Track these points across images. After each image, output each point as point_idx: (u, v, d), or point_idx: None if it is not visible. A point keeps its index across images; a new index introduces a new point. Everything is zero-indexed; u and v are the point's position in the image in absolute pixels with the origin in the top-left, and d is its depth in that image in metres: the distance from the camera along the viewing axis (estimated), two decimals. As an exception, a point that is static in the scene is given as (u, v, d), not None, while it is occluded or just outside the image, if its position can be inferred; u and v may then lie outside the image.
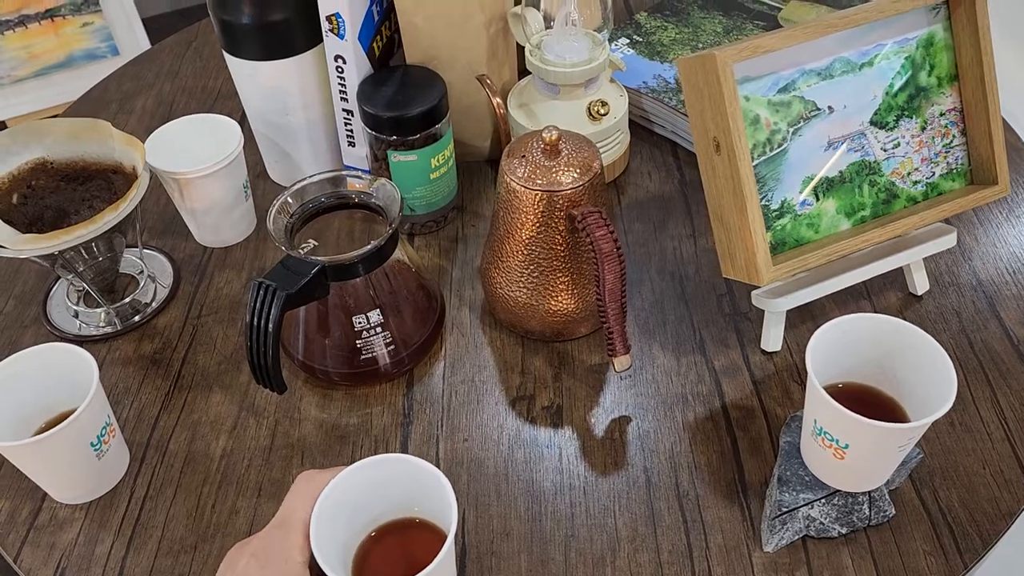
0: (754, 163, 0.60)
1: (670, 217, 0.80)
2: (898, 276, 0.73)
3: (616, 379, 0.68)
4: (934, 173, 0.66)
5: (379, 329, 0.65)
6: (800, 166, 0.62)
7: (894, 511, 0.58)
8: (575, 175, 0.63)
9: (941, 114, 0.65)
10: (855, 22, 0.60)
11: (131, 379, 0.70)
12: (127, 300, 0.75)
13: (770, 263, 0.60)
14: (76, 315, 0.75)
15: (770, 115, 0.60)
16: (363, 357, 0.66)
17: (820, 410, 0.53)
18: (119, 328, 0.74)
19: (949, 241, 0.68)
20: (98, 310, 0.74)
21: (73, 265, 0.70)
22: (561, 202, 0.63)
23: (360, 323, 0.65)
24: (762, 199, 0.61)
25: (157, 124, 0.91)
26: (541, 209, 0.63)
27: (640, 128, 0.90)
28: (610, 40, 0.94)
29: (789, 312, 0.71)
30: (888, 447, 0.52)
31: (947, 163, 0.66)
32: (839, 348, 0.55)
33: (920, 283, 0.71)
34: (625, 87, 0.85)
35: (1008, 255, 0.75)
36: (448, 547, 0.46)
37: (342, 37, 0.71)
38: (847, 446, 0.52)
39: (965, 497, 0.59)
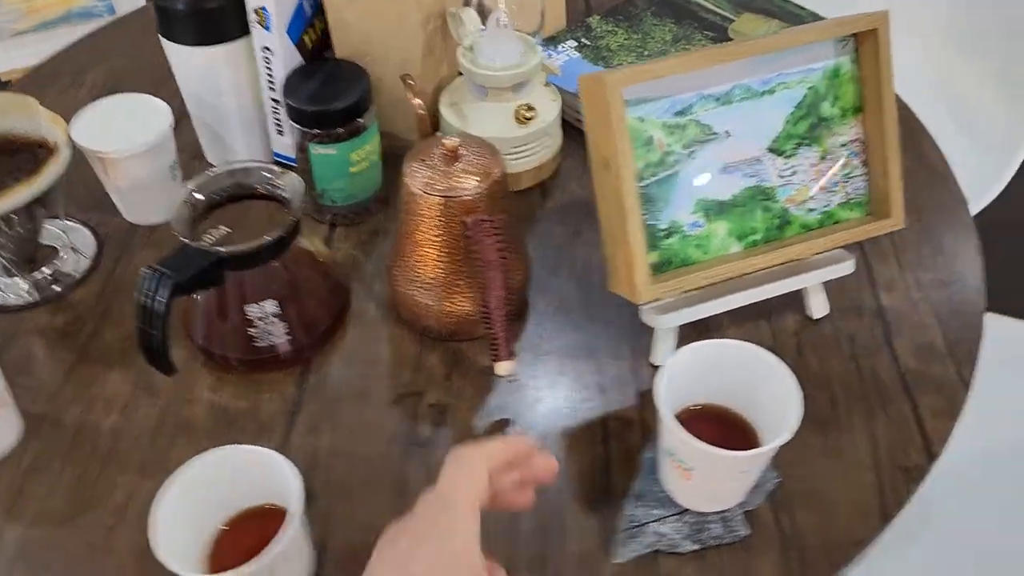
0: (645, 183, 0.61)
1: (588, 224, 0.81)
2: (798, 299, 0.74)
3: (505, 383, 0.69)
4: (831, 202, 0.66)
5: (274, 318, 0.67)
6: (692, 188, 0.63)
7: (748, 531, 0.59)
8: (474, 182, 0.64)
9: (843, 144, 0.65)
10: (756, 51, 0.60)
11: (40, 351, 0.72)
12: (48, 272, 0.77)
13: (648, 281, 0.61)
14: (-2, 284, 0.77)
15: (664, 136, 0.61)
16: (257, 344, 0.68)
17: (667, 433, 0.54)
18: (38, 299, 0.76)
19: (846, 268, 0.69)
20: (18, 280, 0.76)
21: (-9, 235, 0.72)
22: (457, 208, 0.64)
23: (254, 312, 0.66)
24: (650, 218, 0.62)
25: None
26: (437, 214, 0.64)
27: (577, 132, 0.90)
28: (558, 42, 0.94)
29: (686, 327, 0.72)
30: (730, 472, 0.53)
31: (846, 192, 0.66)
32: (698, 371, 0.56)
33: (817, 307, 0.72)
34: (563, 91, 0.86)
35: (914, 284, 0.76)
36: (291, 526, 0.48)
37: (268, 29, 0.72)
38: (692, 468, 0.54)
39: (821, 523, 0.61)
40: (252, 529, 0.55)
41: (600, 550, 0.59)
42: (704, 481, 0.54)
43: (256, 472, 0.55)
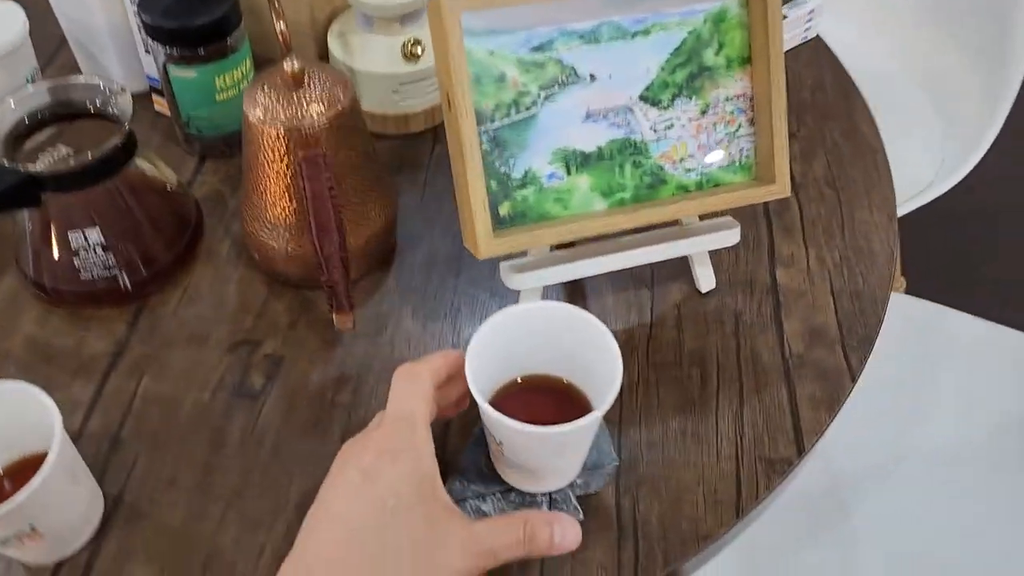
0: (495, 125, 0.55)
1: (477, 174, 0.75)
2: (688, 270, 0.68)
3: (352, 338, 0.64)
4: (712, 163, 0.60)
5: (99, 250, 0.61)
6: (551, 135, 0.56)
7: (581, 516, 0.54)
8: (316, 112, 0.58)
9: (727, 99, 0.59)
10: (629, -18, 0.54)
11: None
12: None
13: (490, 235, 0.55)
14: None
15: (520, 74, 0.55)
16: (82, 277, 0.62)
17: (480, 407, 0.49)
18: None
19: (730, 237, 0.63)
20: None
21: None
22: (298, 140, 0.58)
23: (77, 241, 0.61)
24: (502, 165, 0.56)
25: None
26: (278, 146, 0.58)
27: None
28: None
29: (563, 291, 0.66)
30: (542, 449, 0.48)
31: (729, 153, 0.60)
32: (525, 337, 0.51)
33: (704, 279, 0.66)
34: (468, 29, 0.79)
35: (816, 263, 0.69)
36: (45, 469, 0.44)
37: (120, -68, 0.66)
38: (501, 442, 0.48)
39: (666, 513, 0.55)
40: (29, 478, 0.50)
41: (414, 524, 0.54)
42: (516, 456, 0.49)
43: (24, 411, 0.50)
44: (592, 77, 0.56)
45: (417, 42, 0.73)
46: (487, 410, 0.46)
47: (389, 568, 0.42)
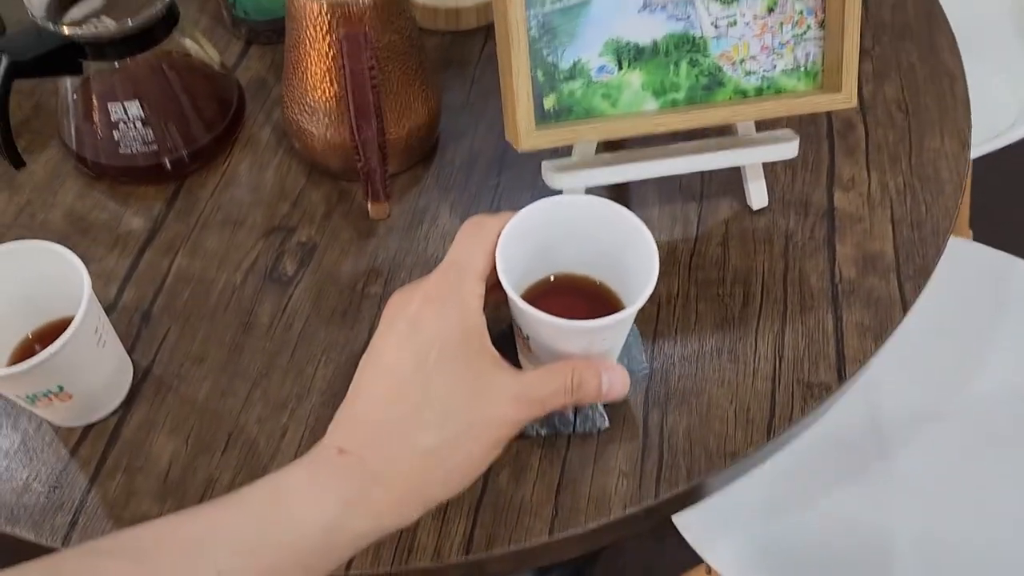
0: (546, 10, 0.52)
1: (527, 75, 0.72)
2: (740, 185, 0.64)
3: (387, 230, 0.62)
4: (775, 66, 0.56)
5: (139, 124, 0.61)
6: (603, 25, 0.53)
7: (607, 424, 0.53)
8: (361, -9, 0.56)
9: (797, -3, 0.55)
10: None
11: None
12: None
13: (532, 127, 0.52)
14: None
15: (574, -44, 0.51)
16: (122, 151, 0.62)
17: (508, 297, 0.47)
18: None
19: (787, 151, 0.59)
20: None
21: None
22: (340, 18, 0.56)
23: (117, 113, 0.60)
24: (550, 54, 0.53)
25: None
26: (320, 24, 0.56)
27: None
28: None
29: (607, 195, 0.64)
30: (567, 344, 0.46)
31: (794, 57, 0.56)
32: (549, 233, 0.48)
33: (756, 195, 0.63)
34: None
35: (877, 187, 0.65)
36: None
37: None
38: (528, 336, 0.47)
39: (694, 427, 0.54)
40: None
41: (436, 417, 0.53)
42: (543, 352, 0.47)
43: (55, 273, 0.50)
44: (652, -37, 0.52)
45: (473, -70, 0.69)
46: (514, 299, 0.44)
47: (433, 418, 0.41)
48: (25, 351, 0.52)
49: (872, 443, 0.86)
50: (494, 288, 0.45)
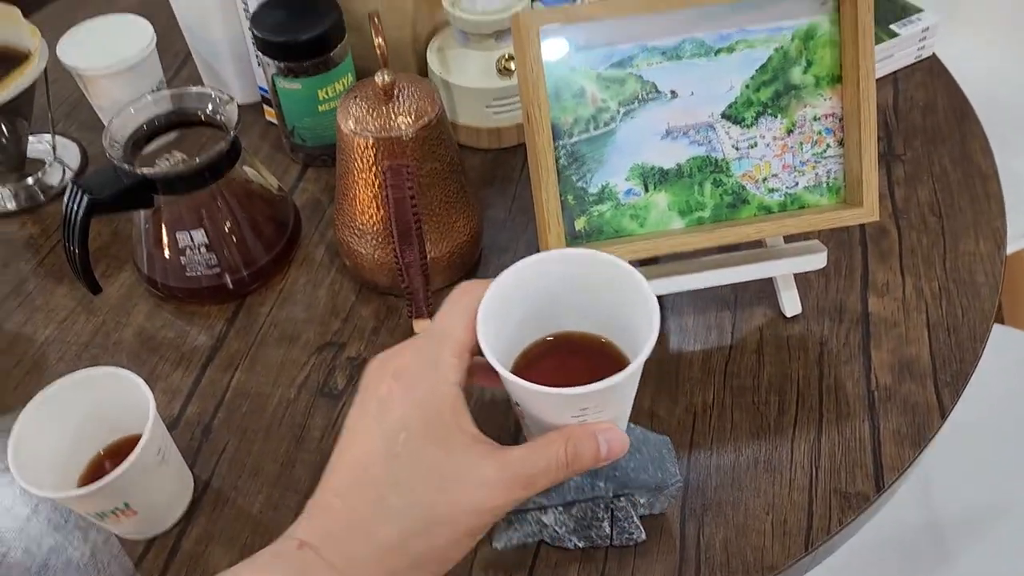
0: (574, 140, 0.56)
1: (565, 189, 0.76)
2: (772, 292, 0.66)
3: (431, 343, 0.65)
4: (797, 183, 0.58)
5: (204, 249, 0.66)
6: (629, 151, 0.56)
7: (643, 536, 0.54)
8: (405, 123, 0.60)
9: (815, 118, 0.57)
10: (711, 0, 0.53)
11: (2, 258, 0.74)
12: (32, 183, 0.79)
13: (562, 247, 0.55)
14: (-14, 191, 0.80)
15: (599, 90, 0.55)
16: (188, 274, 0.67)
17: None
18: (15, 208, 0.78)
19: (816, 261, 0.61)
20: (4, 188, 0.79)
21: (-21, 144, 0.75)
22: (385, 150, 0.60)
23: (184, 240, 0.65)
24: (579, 180, 0.56)
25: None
26: (368, 155, 0.61)
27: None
28: (579, -5, 0.88)
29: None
30: (554, 413, 0.41)
31: (815, 174, 0.58)
32: (540, 291, 0.44)
33: (789, 303, 0.64)
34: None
35: (912, 292, 0.66)
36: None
37: (239, -45, 0.71)
38: (518, 403, 0.44)
39: (731, 539, 0.54)
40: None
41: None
42: (533, 423, 0.44)
43: (125, 395, 0.54)
44: (673, 94, 0.56)
45: (511, 58, 0.74)
46: (493, 364, 0.40)
47: (399, 506, 0.39)
48: (96, 467, 0.56)
49: (932, 545, 0.84)
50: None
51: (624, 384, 0.40)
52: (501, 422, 0.60)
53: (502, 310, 0.42)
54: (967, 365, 0.62)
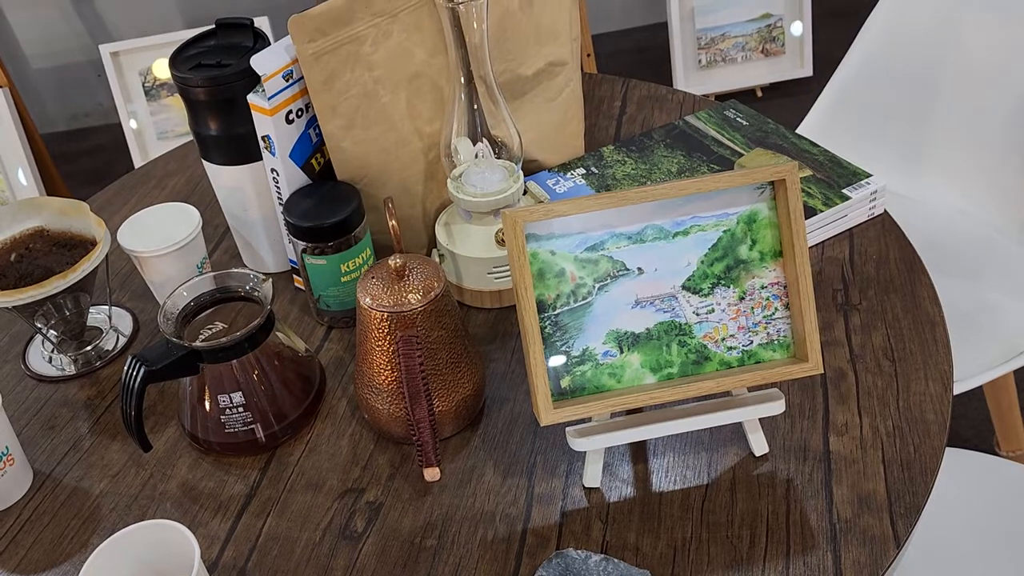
0: (557, 312, 0.66)
1: (559, 343, 0.85)
2: (742, 433, 0.74)
3: (440, 488, 0.74)
4: (752, 342, 0.68)
5: (241, 409, 0.75)
6: (605, 319, 0.66)
7: (629, 664, 0.60)
8: (415, 300, 0.71)
9: (762, 287, 0.67)
10: (669, 195, 0.64)
11: (63, 419, 0.84)
12: (90, 348, 0.90)
13: (550, 406, 0.64)
14: (50, 359, 0.90)
15: (576, 270, 0.65)
16: (227, 431, 0.76)
17: None
18: (78, 372, 0.88)
19: (775, 408, 0.69)
20: (62, 356, 0.89)
21: (47, 317, 0.86)
22: (399, 323, 0.71)
23: (224, 401, 0.75)
24: (563, 345, 0.66)
25: (177, 201, 1.08)
26: (383, 326, 0.71)
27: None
28: (569, 169, 1.00)
29: (622, 452, 0.74)
30: None
31: (767, 333, 0.68)
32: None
33: (757, 444, 0.72)
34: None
35: (869, 431, 0.74)
36: None
37: (274, 154, 0.84)
38: None
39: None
40: None
41: (480, 661, 0.62)
42: None
43: (171, 544, 0.62)
44: (640, 270, 0.66)
45: (508, 232, 0.86)
46: None
47: None
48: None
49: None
50: None
51: None
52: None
53: None
54: (919, 498, 0.69)
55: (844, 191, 0.92)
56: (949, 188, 1.28)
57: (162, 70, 2.20)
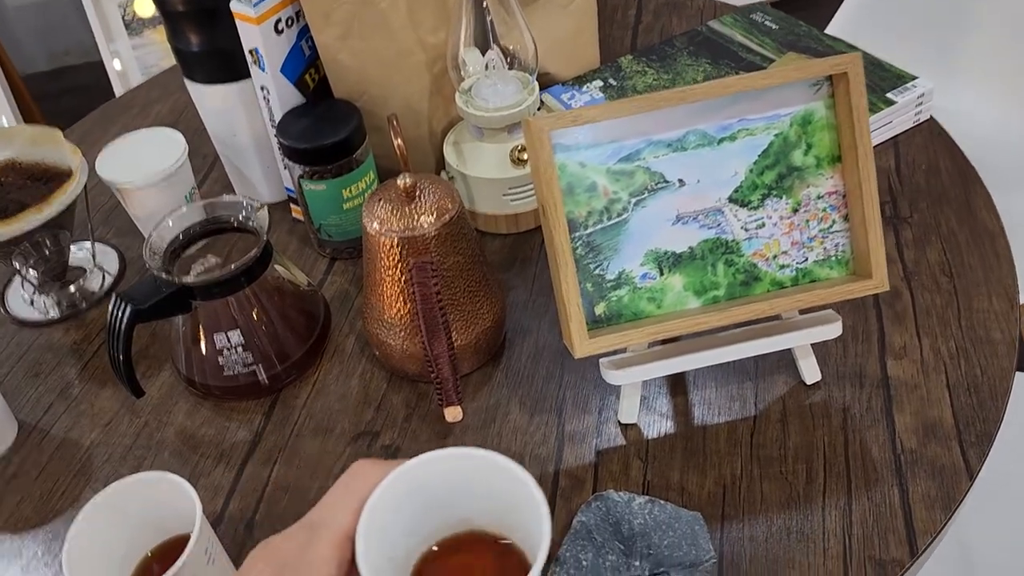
0: (589, 231, 0.58)
1: (583, 269, 0.78)
2: (792, 361, 0.68)
3: (463, 429, 0.67)
4: (807, 259, 0.60)
5: (240, 349, 0.69)
6: (642, 238, 0.59)
7: (681, 615, 0.55)
8: (428, 222, 0.64)
9: (818, 197, 0.60)
10: (712, 94, 0.57)
11: (47, 365, 0.77)
12: (75, 290, 0.83)
13: (585, 336, 0.58)
14: (31, 302, 0.83)
15: (609, 183, 0.58)
16: (226, 373, 0.70)
17: None
18: (62, 314, 0.82)
19: (831, 331, 0.62)
20: (45, 298, 0.82)
21: (26, 257, 0.79)
22: (410, 248, 0.63)
23: (221, 342, 0.68)
24: (597, 268, 0.59)
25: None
26: (393, 253, 0.64)
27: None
28: (585, 82, 0.92)
29: (660, 386, 0.68)
30: None
31: (824, 249, 0.60)
32: (432, 493, 0.41)
33: (808, 371, 0.66)
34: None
35: (931, 354, 0.68)
36: (188, 552, 0.41)
37: (263, 69, 0.75)
38: None
39: (767, 613, 0.55)
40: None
41: (515, 614, 0.56)
42: None
43: (172, 498, 0.56)
44: (681, 182, 0.58)
45: (523, 148, 0.78)
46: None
47: None
48: (146, 569, 0.57)
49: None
50: None
51: None
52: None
53: (391, 512, 0.40)
54: (991, 425, 0.63)
55: (888, 95, 0.84)
56: (991, 97, 1.20)
57: (142, 5, 2.08)
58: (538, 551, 0.37)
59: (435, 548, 0.42)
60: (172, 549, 0.56)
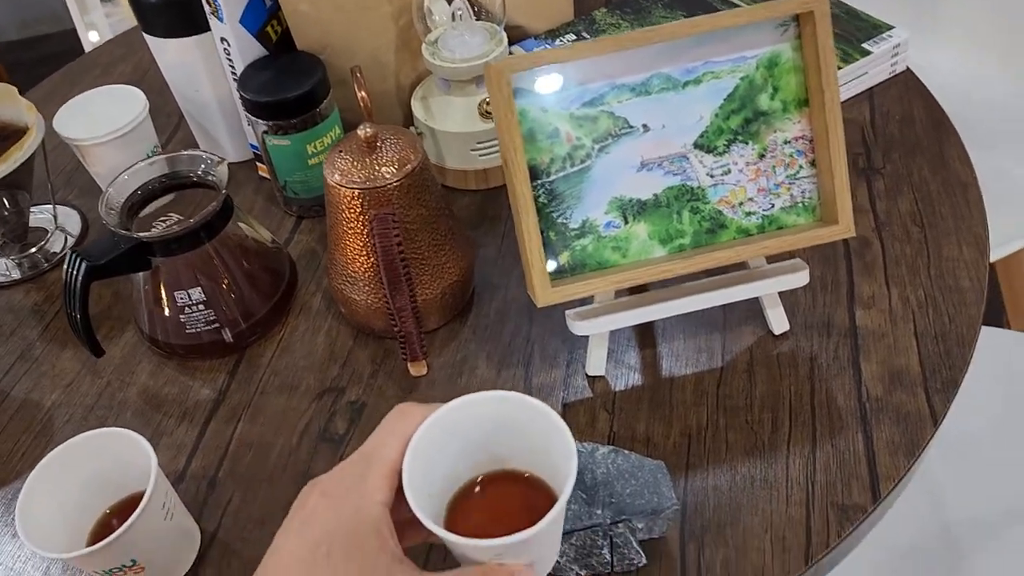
0: (551, 178, 0.57)
1: (553, 224, 0.77)
2: (759, 311, 0.67)
3: (428, 383, 0.67)
4: (773, 205, 0.60)
5: (202, 307, 0.67)
6: (606, 185, 0.58)
7: (644, 560, 0.54)
8: (389, 173, 0.62)
9: (785, 142, 0.59)
10: (680, 33, 0.55)
11: (7, 326, 0.76)
12: (35, 250, 0.81)
13: (547, 284, 0.57)
14: (-9, 262, 0.82)
15: (572, 129, 0.57)
16: (188, 331, 0.69)
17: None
18: (23, 276, 0.80)
19: (798, 279, 0.62)
20: (9, 260, 0.81)
21: (-17, 216, 0.77)
22: (372, 200, 0.62)
23: (182, 299, 0.67)
24: (560, 216, 0.58)
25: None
26: (355, 205, 0.63)
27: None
28: (557, 35, 0.90)
29: (629, 336, 0.67)
30: (473, 554, 0.41)
31: (790, 196, 0.60)
32: (468, 434, 0.44)
33: (776, 321, 0.65)
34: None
35: (899, 303, 0.67)
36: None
37: (222, 20, 0.73)
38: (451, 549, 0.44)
39: (731, 559, 0.55)
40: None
41: (480, 565, 0.56)
42: (459, 556, 0.43)
43: (128, 455, 0.55)
44: (645, 127, 0.57)
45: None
46: (414, 510, 0.41)
47: None
48: (104, 526, 0.57)
49: (946, 554, 0.84)
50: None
51: (539, 535, 0.40)
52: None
53: (432, 451, 0.43)
54: (957, 372, 0.63)
55: (864, 45, 0.83)
56: (965, 51, 1.19)
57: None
58: (564, 485, 0.40)
59: (471, 482, 0.45)
60: (131, 506, 0.55)
